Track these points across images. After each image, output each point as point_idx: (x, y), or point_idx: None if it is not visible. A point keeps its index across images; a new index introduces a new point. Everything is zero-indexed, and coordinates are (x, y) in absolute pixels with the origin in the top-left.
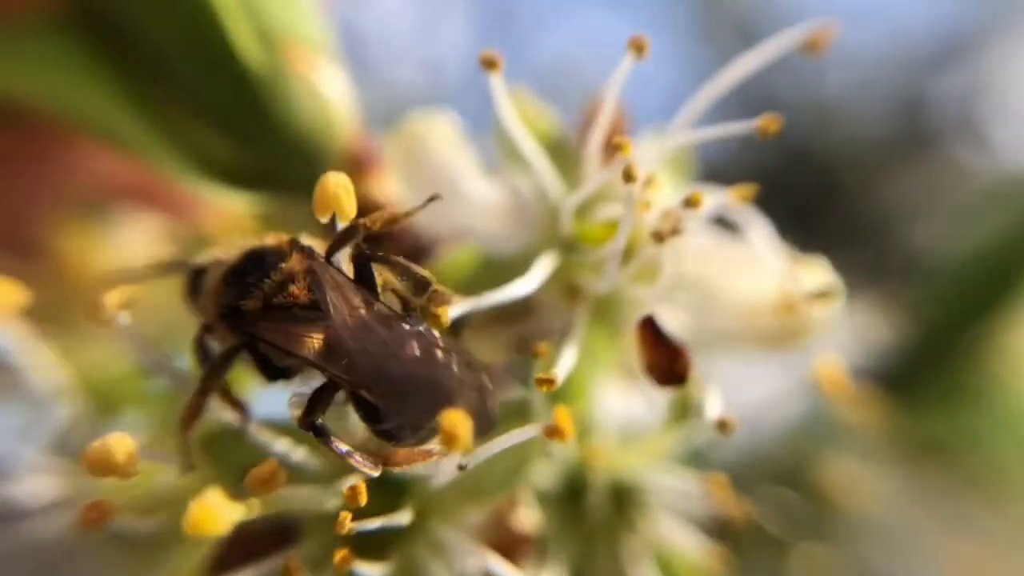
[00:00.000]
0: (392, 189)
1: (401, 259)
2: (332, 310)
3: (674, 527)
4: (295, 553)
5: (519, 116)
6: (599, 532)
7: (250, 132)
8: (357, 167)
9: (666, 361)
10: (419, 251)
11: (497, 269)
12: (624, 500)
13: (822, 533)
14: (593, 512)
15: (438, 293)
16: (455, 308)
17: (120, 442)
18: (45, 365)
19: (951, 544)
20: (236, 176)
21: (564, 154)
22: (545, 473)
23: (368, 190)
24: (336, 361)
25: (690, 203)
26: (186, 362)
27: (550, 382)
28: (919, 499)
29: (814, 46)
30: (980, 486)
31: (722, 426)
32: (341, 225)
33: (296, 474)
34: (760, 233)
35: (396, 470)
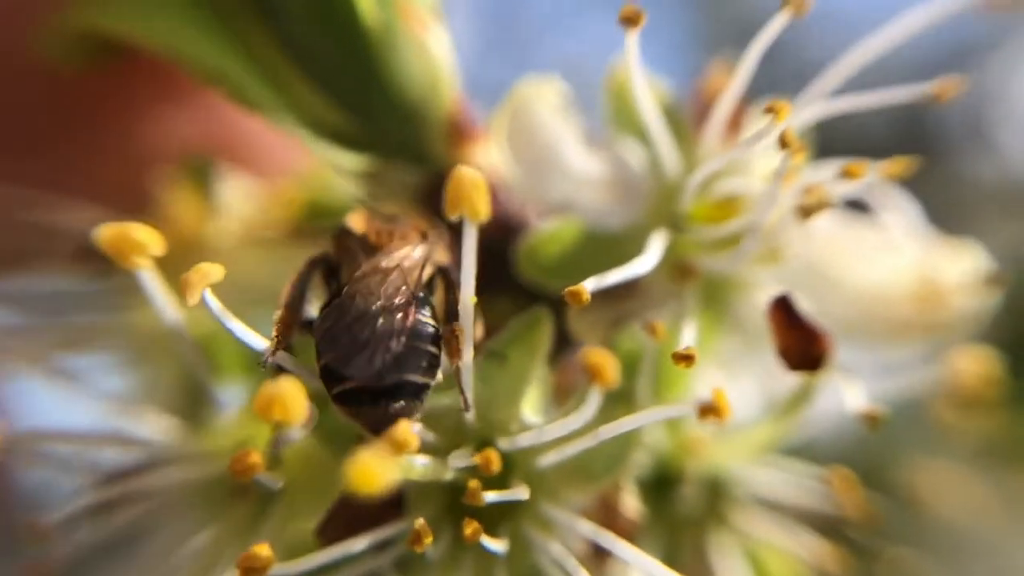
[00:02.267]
0: (494, 157)
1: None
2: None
3: (772, 524)
4: (414, 522)
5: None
6: (690, 525)
7: (359, 92)
8: (460, 133)
9: (803, 344)
10: (516, 223)
11: (600, 245)
12: (719, 494)
13: (911, 540)
14: (685, 504)
15: (457, 329)
16: (590, 281)
17: (292, 385)
18: (172, 315)
19: None
20: (340, 135)
21: (678, 128)
22: (640, 461)
23: (470, 157)
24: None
25: (850, 174)
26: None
27: (689, 358)
28: (1014, 507)
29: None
30: None
31: (870, 420)
32: (469, 225)
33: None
34: (901, 214)
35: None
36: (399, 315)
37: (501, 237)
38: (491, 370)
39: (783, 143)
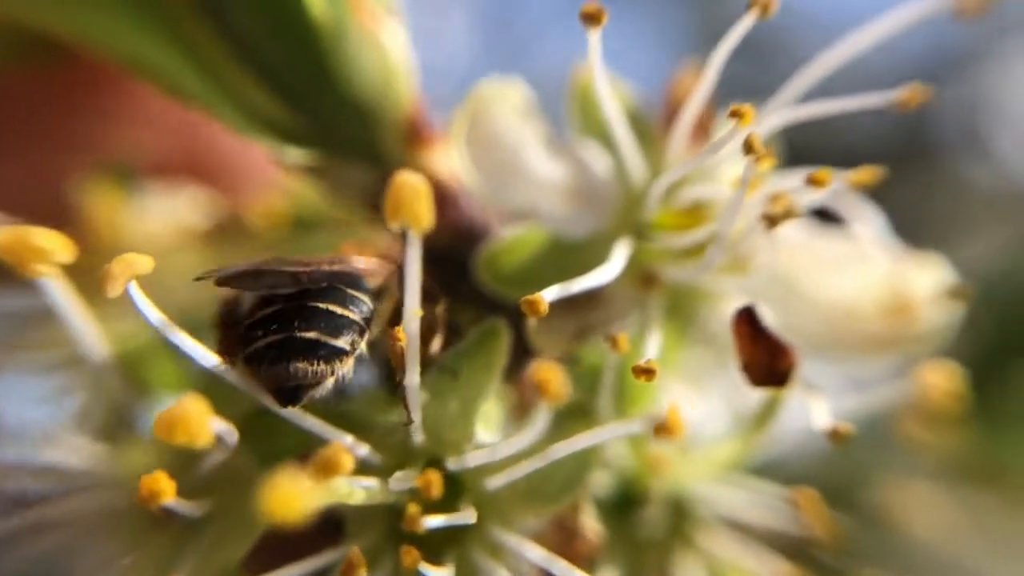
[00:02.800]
0: (453, 161)
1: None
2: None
3: (736, 546)
4: (349, 550)
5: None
6: (653, 547)
7: (307, 89)
8: (417, 134)
9: (767, 358)
10: (476, 230)
11: (562, 254)
12: (683, 514)
13: (882, 560)
14: (648, 525)
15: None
16: (549, 291)
17: (196, 404)
18: (84, 328)
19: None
20: (287, 131)
21: (644, 133)
22: (601, 481)
23: (427, 162)
24: None
25: (815, 182)
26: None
27: (649, 372)
28: (982, 525)
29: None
30: None
31: (836, 436)
32: (412, 235)
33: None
34: (869, 225)
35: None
36: (327, 286)
37: (462, 245)
38: (443, 385)
39: (747, 149)
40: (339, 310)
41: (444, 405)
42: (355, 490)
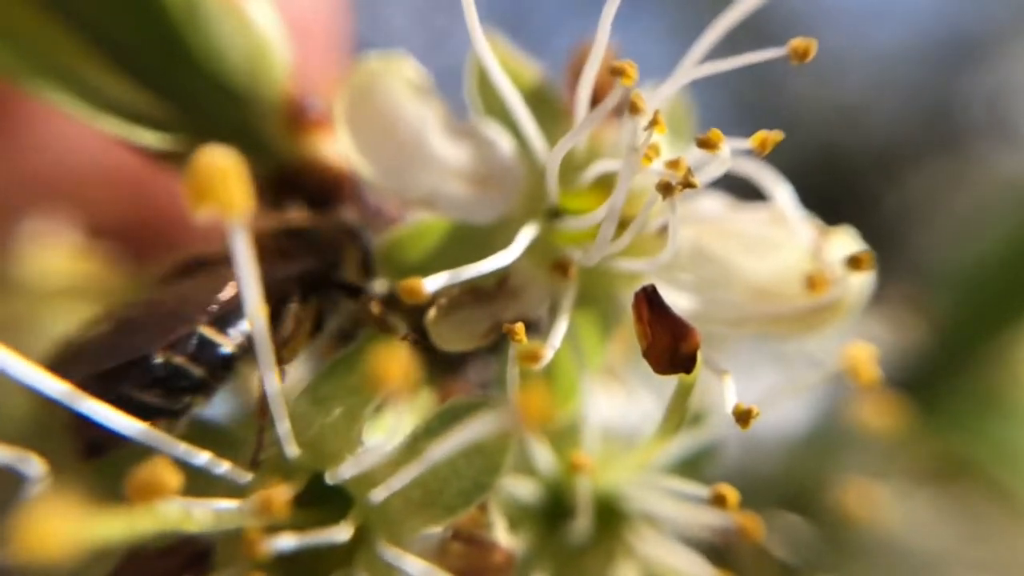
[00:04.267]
0: (340, 146)
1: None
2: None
3: (669, 548)
4: None
5: (500, 64)
6: (584, 554)
7: (164, 70)
8: (299, 118)
9: (669, 340)
10: (378, 219)
11: (469, 241)
12: (612, 518)
13: (835, 560)
14: (577, 531)
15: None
16: (435, 279)
17: None
18: None
19: (977, 569)
20: (147, 119)
21: (551, 110)
22: (522, 486)
23: (310, 148)
24: None
25: (706, 145)
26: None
27: (535, 357)
28: (942, 520)
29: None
30: (1008, 504)
31: (741, 417)
32: (233, 224)
33: (200, 482)
34: (781, 197)
35: None
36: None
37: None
38: (325, 390)
39: (631, 108)
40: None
41: (326, 413)
42: (192, 514)
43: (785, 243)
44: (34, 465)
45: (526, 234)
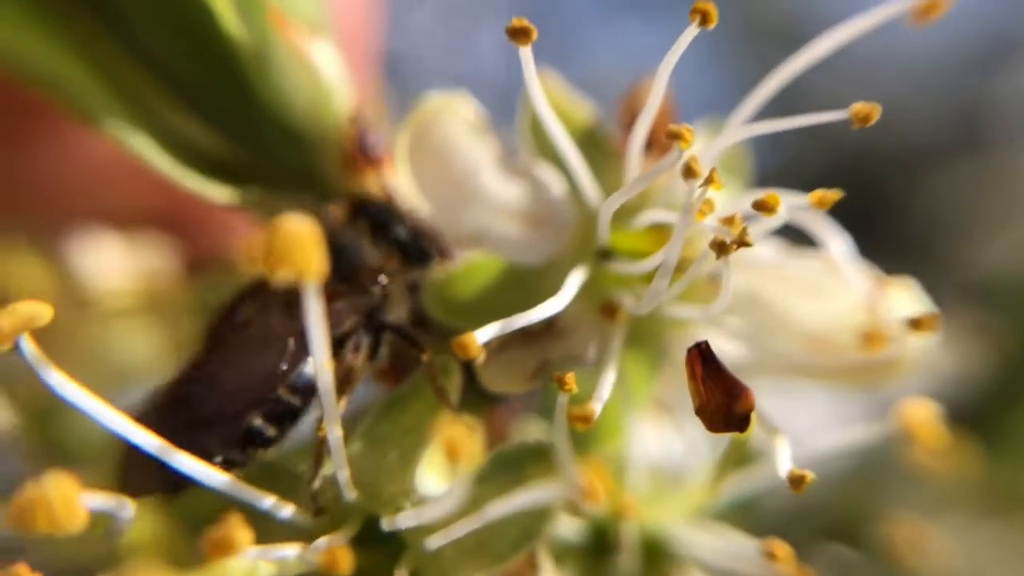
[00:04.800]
0: (399, 183)
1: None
2: None
3: None
4: None
5: (551, 106)
6: None
7: (233, 114)
8: (358, 156)
9: (723, 401)
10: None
11: (518, 281)
12: (659, 559)
13: None
14: (623, 571)
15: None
16: (487, 331)
17: (60, 485)
18: None
19: None
20: (218, 165)
21: (602, 151)
22: (567, 525)
23: (371, 183)
24: None
25: (762, 207)
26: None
27: (586, 419)
28: (999, 558)
29: (924, 13)
30: None
31: (795, 482)
32: (309, 290)
33: (262, 524)
34: (837, 248)
35: None
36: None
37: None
38: (381, 431)
39: (687, 172)
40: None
41: (382, 454)
42: (260, 566)
43: (840, 291)
44: (128, 509)
45: (576, 278)
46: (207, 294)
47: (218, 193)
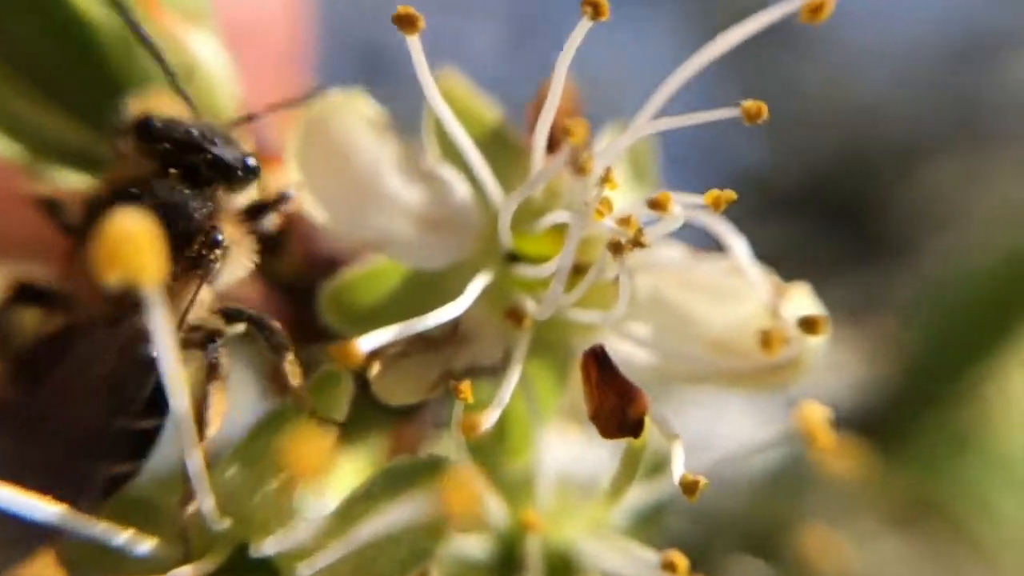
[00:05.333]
0: (290, 182)
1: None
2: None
3: None
4: None
5: (454, 106)
6: None
7: (95, 101)
8: None
9: (617, 404)
10: (322, 262)
11: (421, 286)
12: (565, 574)
13: None
14: None
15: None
16: (373, 337)
17: None
18: None
19: None
20: (76, 155)
21: (507, 152)
22: (472, 542)
23: (259, 186)
24: None
25: (656, 206)
26: None
27: (474, 427)
28: (909, 563)
29: (815, 10)
30: (977, 546)
31: (688, 488)
32: (147, 295)
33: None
34: (740, 250)
35: None
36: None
37: (311, 280)
38: (255, 451)
39: (576, 168)
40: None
41: (255, 477)
42: None
43: (744, 294)
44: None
45: (479, 281)
46: None
47: (76, 182)
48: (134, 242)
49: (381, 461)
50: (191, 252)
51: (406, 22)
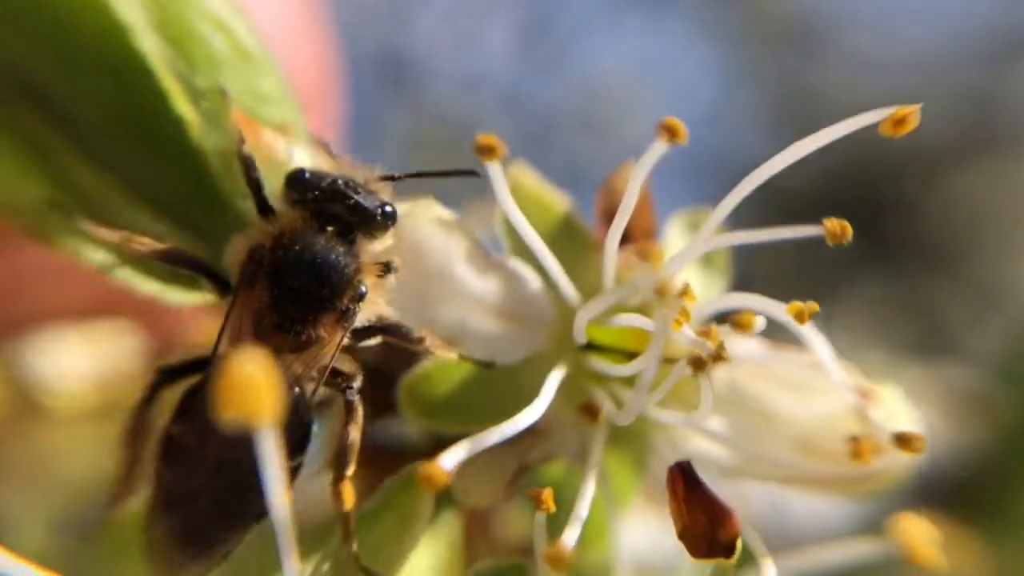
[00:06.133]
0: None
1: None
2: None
3: None
4: None
5: (524, 201)
6: None
7: (200, 216)
8: None
9: (707, 526)
10: (401, 356)
11: (494, 380)
12: None
13: None
14: None
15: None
16: (454, 452)
17: None
18: None
19: None
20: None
21: (579, 244)
22: None
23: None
24: None
25: (739, 326)
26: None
27: (558, 558)
28: None
29: (899, 123)
30: None
31: None
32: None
33: None
34: (821, 348)
35: None
36: None
37: (391, 374)
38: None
39: (661, 293)
40: None
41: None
42: None
43: (827, 391)
44: None
45: (554, 379)
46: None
47: (178, 297)
48: (255, 387)
49: (457, 542)
50: (341, 305)
51: (487, 151)
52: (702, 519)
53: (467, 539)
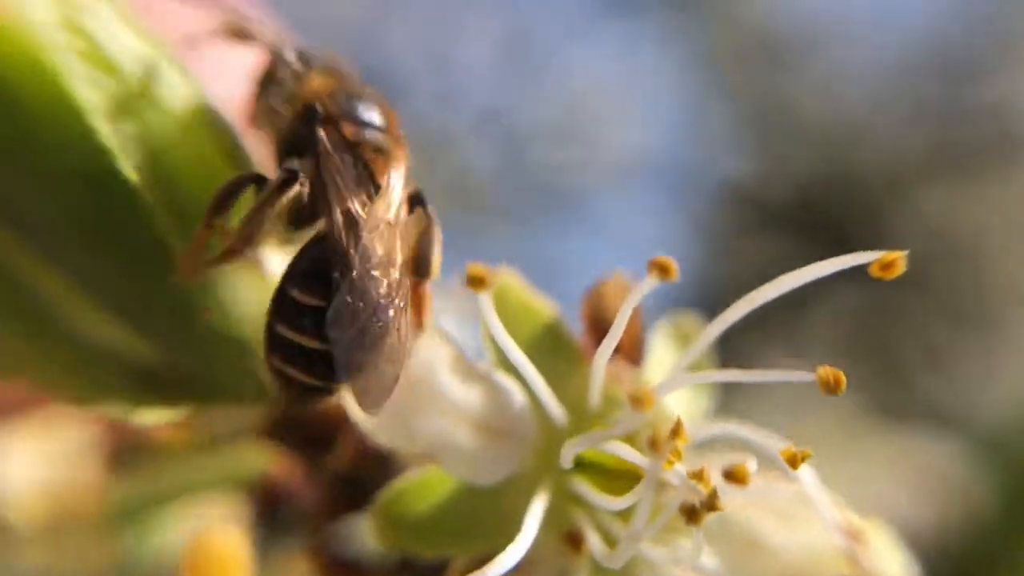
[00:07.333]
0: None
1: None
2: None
3: None
4: None
5: (510, 308)
6: None
7: (171, 326)
8: None
9: None
10: (373, 465)
11: (475, 501)
12: None
13: None
14: None
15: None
16: None
17: None
18: None
19: None
20: (147, 378)
21: (565, 355)
22: None
23: None
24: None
25: (733, 478)
26: None
27: None
28: None
29: (887, 267)
30: None
31: None
32: None
33: None
34: (808, 480)
35: None
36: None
37: (369, 469)
38: None
39: (652, 443)
40: None
41: None
42: None
43: (814, 520)
44: None
45: (538, 507)
46: (131, 501)
47: (145, 418)
48: (222, 562)
49: None
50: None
51: (477, 282)
52: None
53: None
